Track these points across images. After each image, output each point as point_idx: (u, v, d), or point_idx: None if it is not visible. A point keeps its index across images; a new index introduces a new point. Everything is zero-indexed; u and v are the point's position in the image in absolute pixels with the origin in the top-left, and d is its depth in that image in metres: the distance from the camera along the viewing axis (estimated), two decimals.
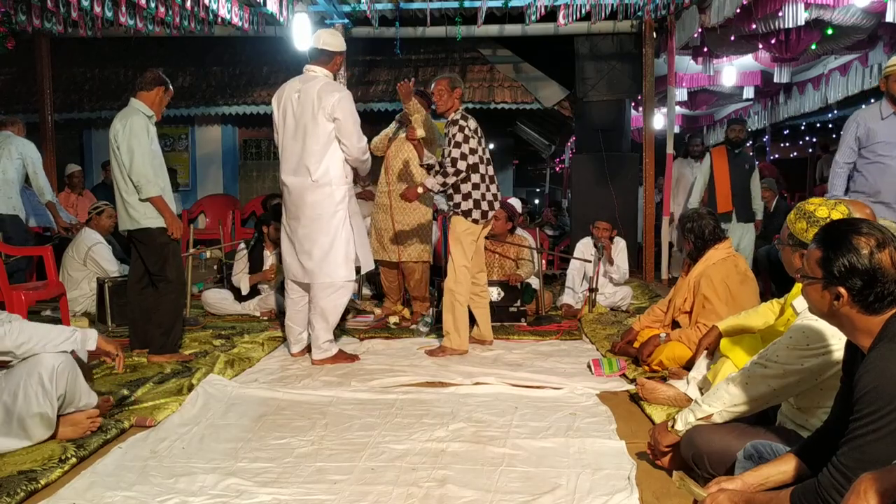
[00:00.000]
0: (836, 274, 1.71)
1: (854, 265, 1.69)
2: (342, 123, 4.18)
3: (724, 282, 3.80)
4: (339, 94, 4.20)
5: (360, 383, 3.86)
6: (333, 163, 4.23)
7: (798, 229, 2.33)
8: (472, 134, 4.48)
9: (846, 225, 1.76)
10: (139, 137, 4.13)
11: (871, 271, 1.67)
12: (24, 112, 10.49)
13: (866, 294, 1.69)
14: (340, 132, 4.20)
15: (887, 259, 1.67)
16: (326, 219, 4.24)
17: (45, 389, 2.74)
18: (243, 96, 10.73)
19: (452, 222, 4.57)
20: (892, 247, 1.68)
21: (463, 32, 8.34)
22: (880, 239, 1.69)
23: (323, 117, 4.17)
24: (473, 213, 4.52)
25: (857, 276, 1.69)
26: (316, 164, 4.21)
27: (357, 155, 4.27)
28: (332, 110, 4.16)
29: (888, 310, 1.69)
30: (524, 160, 19.52)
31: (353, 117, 4.21)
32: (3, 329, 2.75)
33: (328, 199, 4.23)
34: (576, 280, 6.16)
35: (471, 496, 2.42)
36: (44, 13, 6.83)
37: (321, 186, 4.22)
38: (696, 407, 2.49)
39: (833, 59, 8.52)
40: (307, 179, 4.23)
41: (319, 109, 4.17)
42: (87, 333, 2.95)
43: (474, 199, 4.52)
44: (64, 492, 2.47)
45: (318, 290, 4.29)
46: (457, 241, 4.53)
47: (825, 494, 1.61)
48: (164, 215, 4.20)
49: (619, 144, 8.50)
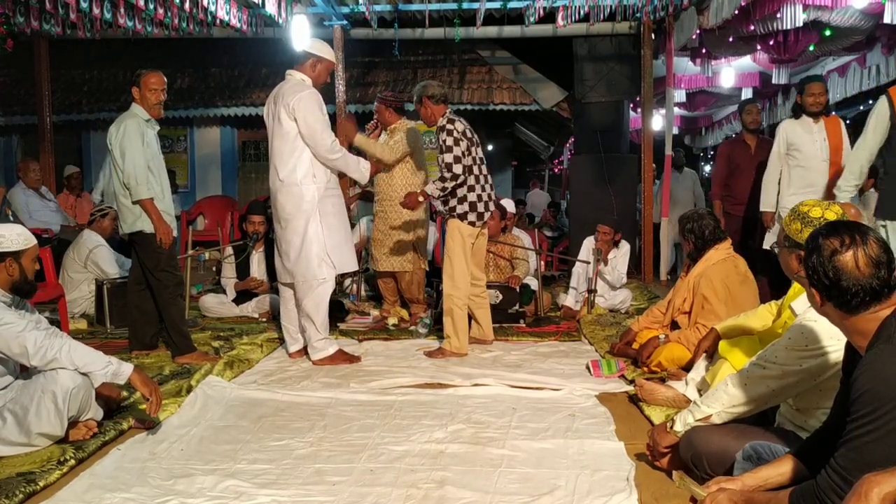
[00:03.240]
0: (809, 273, 1.78)
1: (816, 266, 1.75)
2: (302, 122, 4.17)
3: (724, 282, 3.80)
4: (301, 94, 4.18)
5: (359, 384, 3.86)
6: (301, 163, 4.23)
7: (793, 230, 2.35)
8: (460, 136, 4.47)
9: (824, 227, 1.80)
10: (131, 141, 4.15)
11: (832, 272, 1.71)
12: (23, 114, 10.54)
13: (834, 294, 1.73)
14: (304, 132, 4.19)
15: (850, 260, 1.70)
16: (296, 219, 4.25)
17: (58, 409, 2.75)
18: (242, 98, 10.73)
19: (449, 226, 4.56)
20: (862, 249, 1.70)
21: (462, 34, 8.34)
22: (847, 241, 1.71)
23: (286, 116, 4.18)
24: (469, 215, 4.52)
25: (822, 277, 1.74)
26: (283, 164, 4.24)
27: (323, 153, 4.24)
28: (293, 109, 4.16)
29: (864, 310, 1.70)
30: (523, 161, 19.53)
31: (314, 115, 4.17)
32: (47, 343, 2.78)
33: (296, 199, 4.24)
34: (580, 280, 6.16)
35: (470, 497, 2.42)
36: (42, 15, 6.83)
37: (288, 186, 4.24)
38: (694, 408, 2.49)
39: (831, 60, 8.53)
40: (276, 180, 4.27)
41: (283, 108, 4.19)
42: (122, 367, 2.90)
43: (470, 201, 4.52)
44: (63, 493, 2.47)
45: (297, 290, 4.33)
46: (454, 245, 4.52)
47: (823, 496, 1.61)
48: (153, 219, 4.21)
49: (617, 146, 8.50)
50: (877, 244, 1.71)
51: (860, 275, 1.69)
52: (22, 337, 2.75)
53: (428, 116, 4.58)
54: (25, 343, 2.75)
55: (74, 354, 2.82)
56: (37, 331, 2.82)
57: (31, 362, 2.78)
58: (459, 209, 4.52)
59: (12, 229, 2.94)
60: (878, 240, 1.73)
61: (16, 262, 2.86)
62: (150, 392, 2.93)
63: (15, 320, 2.79)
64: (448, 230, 4.58)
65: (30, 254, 2.92)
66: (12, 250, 2.85)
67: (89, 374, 2.85)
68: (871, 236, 1.73)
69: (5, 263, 2.84)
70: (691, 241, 3.97)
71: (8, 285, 2.86)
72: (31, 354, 2.76)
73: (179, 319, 4.40)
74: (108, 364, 2.87)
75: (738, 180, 5.82)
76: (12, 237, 2.87)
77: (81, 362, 2.82)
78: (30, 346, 2.75)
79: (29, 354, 2.76)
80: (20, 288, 2.89)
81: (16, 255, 2.86)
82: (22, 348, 2.75)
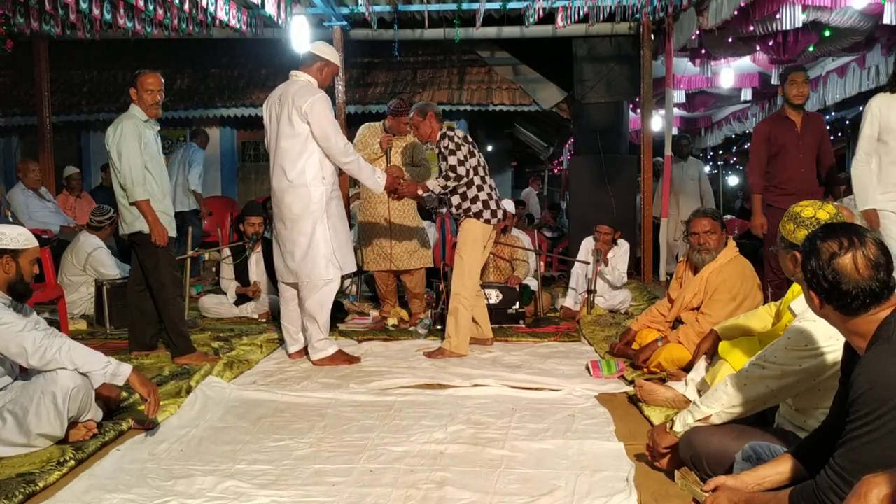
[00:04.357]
0: (808, 277, 1.78)
1: (815, 270, 1.75)
2: (316, 126, 4.18)
3: (741, 277, 3.84)
4: (313, 97, 4.19)
5: (359, 385, 3.86)
6: (309, 164, 4.24)
7: (787, 230, 2.37)
8: (462, 142, 4.53)
9: (821, 230, 1.80)
10: (127, 142, 4.16)
11: (831, 275, 1.71)
12: (23, 114, 10.52)
13: (834, 297, 1.73)
14: (317, 135, 4.20)
15: (849, 263, 1.70)
16: (304, 219, 4.25)
17: (58, 410, 2.76)
18: (242, 98, 10.72)
19: (464, 226, 4.59)
20: (861, 251, 1.70)
21: (461, 34, 8.34)
22: (845, 243, 1.71)
23: (297, 118, 4.19)
24: (484, 213, 4.57)
25: (821, 280, 1.74)
26: (291, 165, 4.24)
27: (338, 156, 4.25)
28: (305, 113, 4.17)
29: (863, 312, 1.71)
30: (522, 162, 19.53)
31: (326, 119, 4.19)
32: (46, 342, 2.78)
33: (305, 200, 4.24)
34: (579, 281, 6.16)
35: (469, 498, 2.42)
36: (42, 15, 6.83)
37: (297, 187, 4.24)
38: (694, 408, 2.49)
39: (831, 60, 8.53)
40: (284, 180, 4.27)
41: (293, 111, 4.19)
42: (120, 368, 2.90)
43: (482, 200, 4.57)
44: (62, 494, 2.47)
45: (302, 291, 4.33)
46: (469, 245, 4.55)
47: (823, 496, 1.61)
48: (148, 220, 4.22)
49: (617, 146, 8.50)
50: (875, 246, 1.71)
51: (860, 277, 1.69)
52: (21, 337, 2.75)
53: (428, 132, 4.63)
54: (24, 343, 2.75)
55: (74, 354, 2.82)
56: (36, 331, 2.82)
57: (30, 362, 2.78)
58: (474, 208, 4.56)
59: (14, 229, 2.95)
60: (875, 241, 1.73)
61: (13, 261, 2.86)
62: (149, 393, 2.93)
63: (14, 320, 2.79)
64: (462, 230, 4.60)
65: (29, 255, 2.91)
66: (11, 248, 2.85)
67: (88, 375, 2.85)
68: (869, 238, 1.73)
69: (2, 261, 2.84)
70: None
71: (3, 284, 2.86)
72: (30, 354, 2.76)
73: (179, 320, 4.41)
74: (107, 364, 2.87)
75: (782, 165, 4.80)
76: (13, 236, 2.88)
77: (81, 362, 2.82)
78: (28, 346, 2.75)
79: (28, 354, 2.76)
80: (15, 288, 2.89)
81: (14, 253, 2.86)
82: (20, 348, 2.75)
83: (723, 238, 3.96)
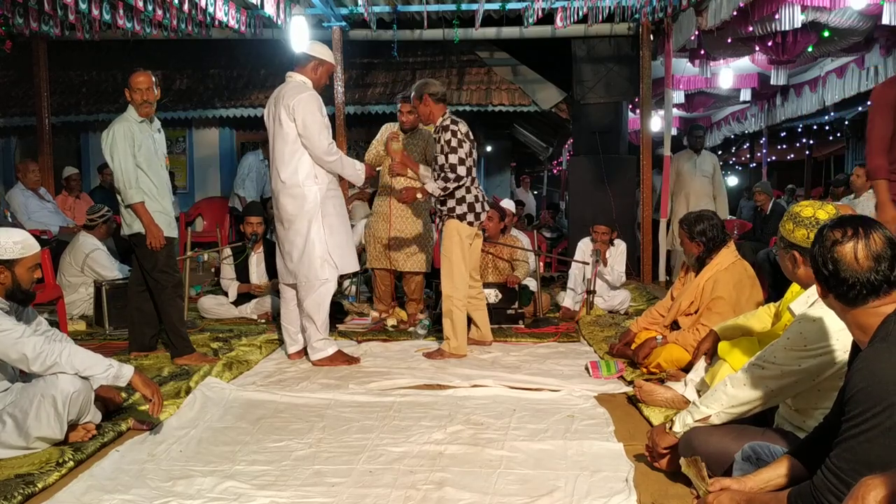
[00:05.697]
0: (812, 263, 1.80)
1: (816, 255, 1.77)
2: (301, 123, 4.18)
3: (737, 286, 3.79)
4: (301, 95, 4.19)
5: (358, 386, 3.85)
6: (301, 164, 4.24)
7: (787, 230, 2.37)
8: (464, 138, 4.47)
9: (833, 220, 1.81)
10: (118, 145, 4.17)
11: (831, 262, 1.72)
12: (22, 115, 10.52)
13: (833, 285, 1.74)
14: (302, 133, 4.20)
15: (849, 252, 1.71)
16: (299, 220, 4.26)
17: (58, 413, 2.75)
18: (241, 99, 10.72)
19: (447, 227, 4.55)
20: (863, 242, 1.70)
21: (460, 35, 8.35)
22: (849, 232, 1.72)
23: (286, 118, 4.19)
24: (468, 216, 4.52)
25: (822, 266, 1.75)
26: (284, 166, 4.25)
27: (320, 155, 4.24)
28: (293, 110, 4.17)
29: (863, 304, 1.71)
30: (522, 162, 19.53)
31: (312, 116, 4.18)
32: (47, 348, 2.77)
33: (299, 200, 4.25)
34: (577, 281, 6.15)
35: (469, 498, 2.42)
36: (41, 16, 6.83)
37: (290, 188, 4.25)
38: (693, 409, 2.49)
39: (829, 61, 8.54)
40: (278, 181, 4.28)
41: (283, 110, 4.19)
42: (123, 370, 2.89)
43: (468, 202, 4.52)
44: (61, 495, 2.47)
45: (299, 291, 4.34)
46: (452, 246, 4.51)
47: (820, 496, 1.61)
48: (143, 222, 4.22)
49: (616, 147, 8.51)
50: (881, 239, 1.70)
51: (858, 267, 1.69)
52: (21, 343, 2.74)
53: (427, 114, 4.57)
54: (24, 349, 2.74)
55: (75, 359, 2.81)
56: (36, 336, 2.81)
57: (32, 368, 2.77)
58: (458, 210, 4.51)
59: (10, 236, 2.88)
60: (884, 236, 1.72)
61: (7, 270, 2.83)
62: (152, 393, 2.93)
63: (12, 326, 2.77)
64: (446, 231, 4.56)
65: (26, 263, 2.88)
66: (4, 258, 2.82)
67: (90, 378, 2.85)
68: (878, 231, 1.72)
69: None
70: (702, 242, 3.91)
71: (1, 292, 2.85)
72: (31, 360, 2.75)
73: (178, 321, 4.40)
74: (108, 367, 2.86)
75: None
76: (8, 245, 2.84)
77: (82, 366, 2.81)
78: (29, 353, 2.74)
79: (28, 360, 2.75)
80: (13, 296, 2.88)
81: (8, 263, 2.83)
82: (21, 354, 2.74)
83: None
